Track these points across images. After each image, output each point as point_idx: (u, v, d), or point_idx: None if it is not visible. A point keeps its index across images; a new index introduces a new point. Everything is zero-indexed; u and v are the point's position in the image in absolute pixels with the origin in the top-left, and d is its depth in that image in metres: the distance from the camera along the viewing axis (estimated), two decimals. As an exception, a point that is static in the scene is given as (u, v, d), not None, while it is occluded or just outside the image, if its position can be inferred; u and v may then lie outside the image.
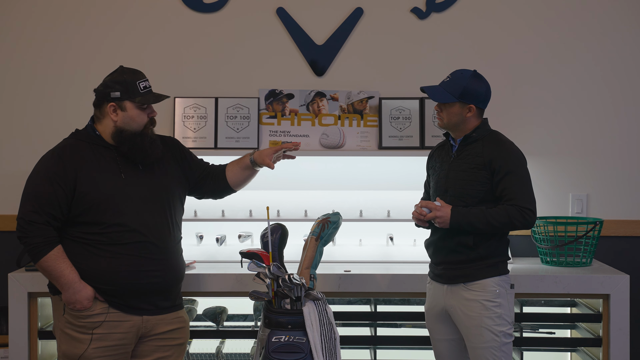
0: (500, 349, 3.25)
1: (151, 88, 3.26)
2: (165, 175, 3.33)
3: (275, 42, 4.42)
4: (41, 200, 3.11)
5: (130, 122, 3.19)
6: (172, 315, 3.30)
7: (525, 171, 3.29)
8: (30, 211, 3.11)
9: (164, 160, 3.34)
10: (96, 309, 3.15)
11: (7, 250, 4.23)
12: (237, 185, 3.55)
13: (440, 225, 3.28)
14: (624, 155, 4.41)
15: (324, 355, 3.15)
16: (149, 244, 3.19)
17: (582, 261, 4.07)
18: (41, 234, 3.10)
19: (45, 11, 4.41)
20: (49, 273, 3.14)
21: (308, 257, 3.36)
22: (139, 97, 3.19)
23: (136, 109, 3.19)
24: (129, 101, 3.18)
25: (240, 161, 3.53)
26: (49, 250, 3.11)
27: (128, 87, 3.18)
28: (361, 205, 4.27)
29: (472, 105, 3.32)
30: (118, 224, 3.15)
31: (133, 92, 3.18)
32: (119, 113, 3.19)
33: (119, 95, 3.18)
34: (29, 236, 3.11)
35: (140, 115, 3.21)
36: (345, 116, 4.37)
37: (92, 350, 3.15)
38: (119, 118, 3.19)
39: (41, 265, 3.13)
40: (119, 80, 3.20)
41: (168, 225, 3.28)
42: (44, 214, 3.10)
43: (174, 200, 3.34)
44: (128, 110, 3.19)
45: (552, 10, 4.40)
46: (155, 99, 3.24)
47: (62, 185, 3.12)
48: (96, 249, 3.15)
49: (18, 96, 4.41)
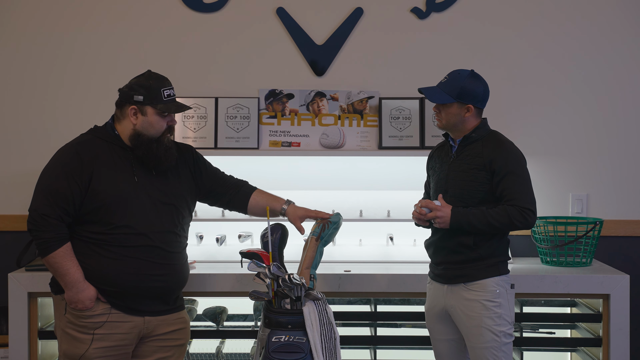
0: (501, 349, 3.25)
1: (175, 97, 3.26)
2: (177, 182, 3.32)
3: (275, 42, 4.42)
4: (56, 195, 3.10)
5: (149, 128, 3.19)
6: (174, 316, 3.30)
7: (525, 171, 3.29)
8: (45, 204, 3.10)
9: (177, 167, 3.34)
10: (98, 309, 3.15)
11: (7, 250, 4.23)
12: (253, 214, 3.50)
13: (440, 226, 3.28)
14: (624, 155, 4.41)
15: (324, 355, 3.15)
16: (156, 248, 3.19)
17: (582, 261, 4.07)
18: (53, 229, 3.09)
19: (48, 12, 4.40)
20: (54, 269, 3.14)
21: (308, 257, 3.36)
22: (161, 105, 3.19)
23: (156, 116, 3.19)
24: (151, 107, 3.18)
25: (271, 201, 3.44)
26: (59, 247, 3.10)
27: (152, 92, 3.18)
28: (361, 205, 4.27)
29: (471, 106, 3.32)
30: (126, 226, 3.15)
31: (156, 99, 3.18)
32: (139, 117, 3.19)
33: (141, 99, 3.17)
34: (41, 230, 3.09)
35: (159, 122, 3.20)
36: (345, 116, 4.37)
37: (93, 351, 3.14)
38: (139, 122, 3.19)
39: (48, 260, 3.12)
40: (144, 84, 3.19)
41: (175, 230, 3.27)
42: (58, 209, 3.09)
43: (183, 207, 3.33)
44: (148, 116, 3.19)
45: (552, 10, 4.40)
46: (177, 108, 3.24)
47: (77, 181, 3.11)
48: (102, 249, 3.15)
49: (21, 97, 4.41)
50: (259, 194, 3.49)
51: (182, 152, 3.39)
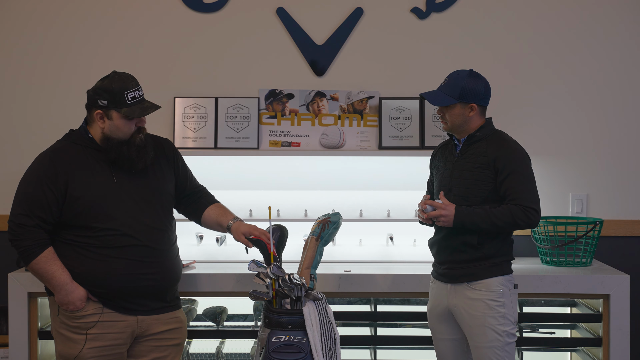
0: (504, 348, 3.25)
1: (142, 97, 3.19)
2: (158, 177, 3.30)
3: (275, 42, 4.42)
4: (31, 204, 3.10)
5: (116, 131, 3.15)
6: (168, 315, 3.29)
7: (529, 170, 3.29)
8: (20, 214, 3.10)
9: (158, 161, 3.31)
10: (89, 309, 3.15)
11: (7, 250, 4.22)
12: (205, 227, 3.52)
13: (443, 224, 3.28)
14: (624, 155, 4.41)
15: (324, 355, 3.15)
16: (143, 247, 3.17)
17: (582, 261, 4.07)
18: (31, 236, 3.09)
19: (44, 11, 4.40)
20: (40, 275, 3.13)
21: (308, 257, 3.36)
22: (125, 109, 3.13)
23: (122, 119, 3.14)
24: (115, 111, 3.13)
25: (221, 216, 3.43)
26: (40, 253, 3.10)
27: (115, 96, 3.12)
28: (361, 205, 4.27)
29: (474, 104, 3.32)
30: (110, 228, 3.13)
31: (120, 103, 3.13)
32: (106, 121, 3.15)
33: (105, 104, 3.13)
34: (19, 239, 3.10)
35: (126, 124, 3.15)
36: (345, 116, 4.37)
37: (87, 351, 3.14)
38: (106, 126, 3.16)
39: (32, 267, 3.12)
40: (107, 88, 3.13)
41: (162, 227, 3.26)
42: (34, 217, 3.09)
43: (168, 201, 3.33)
44: (114, 120, 3.14)
45: (553, 10, 4.40)
46: (141, 112, 3.17)
47: (52, 189, 3.10)
48: (88, 251, 3.14)
49: (16, 97, 4.41)
50: (214, 208, 3.46)
51: (162, 146, 3.36)
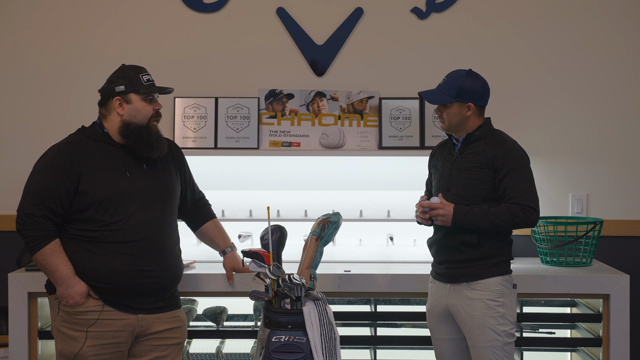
0: (503, 348, 3.25)
1: (154, 82, 3.32)
2: (168, 177, 3.35)
3: (275, 42, 4.42)
4: (42, 194, 3.12)
5: (137, 114, 3.24)
6: (168, 315, 3.30)
7: (527, 169, 3.29)
8: (30, 204, 3.13)
9: (167, 162, 3.37)
10: (89, 305, 3.16)
11: (7, 250, 4.23)
12: (200, 239, 3.74)
13: (442, 224, 3.28)
14: (624, 155, 4.41)
15: (324, 355, 3.15)
16: (149, 244, 3.20)
17: (582, 261, 4.07)
18: (39, 227, 3.11)
19: (47, 12, 4.40)
20: (44, 266, 3.15)
21: (308, 257, 3.36)
22: (143, 89, 3.25)
23: (141, 101, 3.25)
24: (134, 93, 3.24)
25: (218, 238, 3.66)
26: (46, 244, 3.12)
27: (132, 80, 3.24)
28: (361, 205, 4.27)
29: (471, 104, 3.32)
30: (119, 222, 3.16)
31: (137, 85, 3.24)
32: (125, 106, 3.24)
33: (123, 88, 3.23)
34: (27, 229, 3.12)
35: (145, 107, 3.26)
36: (345, 116, 4.37)
37: (87, 349, 3.15)
38: (125, 111, 3.23)
39: (37, 258, 3.14)
40: (122, 75, 3.26)
41: (168, 225, 3.29)
42: (44, 208, 3.12)
43: (174, 200, 3.37)
44: (134, 103, 3.24)
45: (553, 10, 4.40)
46: (160, 90, 3.31)
47: (65, 180, 3.13)
48: (94, 246, 3.16)
49: (19, 96, 4.41)
50: (212, 225, 3.64)
51: (171, 147, 3.43)
